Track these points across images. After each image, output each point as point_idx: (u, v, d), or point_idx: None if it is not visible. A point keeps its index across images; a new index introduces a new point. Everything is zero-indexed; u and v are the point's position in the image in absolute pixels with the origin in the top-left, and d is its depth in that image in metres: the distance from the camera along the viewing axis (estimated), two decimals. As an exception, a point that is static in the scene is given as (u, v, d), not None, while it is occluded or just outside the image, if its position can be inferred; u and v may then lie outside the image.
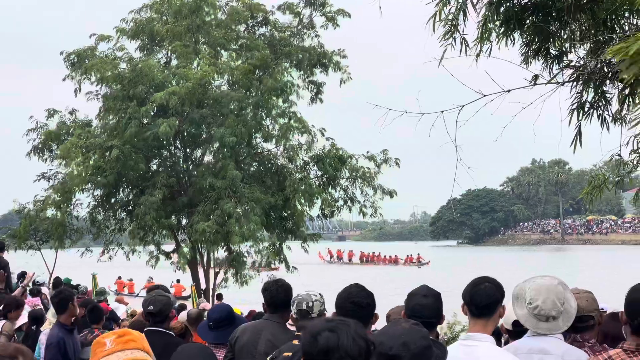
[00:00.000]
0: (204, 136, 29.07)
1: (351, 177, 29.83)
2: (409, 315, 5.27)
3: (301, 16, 29.96)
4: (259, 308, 17.71)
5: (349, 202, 30.27)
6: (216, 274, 30.05)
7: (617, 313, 5.26)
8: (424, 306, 5.30)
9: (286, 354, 5.85)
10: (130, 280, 56.31)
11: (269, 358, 6.00)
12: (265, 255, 30.78)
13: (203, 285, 29.71)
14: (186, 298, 36.36)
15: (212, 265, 30.07)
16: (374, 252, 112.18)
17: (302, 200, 28.72)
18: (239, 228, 25.67)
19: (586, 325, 5.48)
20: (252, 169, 30.48)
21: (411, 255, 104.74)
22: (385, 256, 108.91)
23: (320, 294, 6.42)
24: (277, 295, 6.95)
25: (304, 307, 6.33)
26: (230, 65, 29.26)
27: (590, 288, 5.99)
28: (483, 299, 5.10)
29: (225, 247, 28.65)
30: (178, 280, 45.74)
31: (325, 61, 29.70)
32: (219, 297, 28.32)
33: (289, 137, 28.80)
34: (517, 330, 5.85)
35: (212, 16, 30.16)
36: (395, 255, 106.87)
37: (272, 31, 30.36)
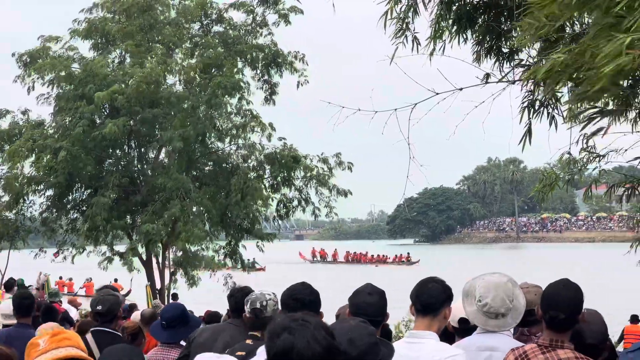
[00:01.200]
0: (158, 136, 28.95)
1: (305, 178, 29.90)
2: (354, 313, 5.28)
3: (254, 14, 29.93)
4: (215, 308, 17.63)
5: (302, 202, 30.34)
6: (171, 274, 29.95)
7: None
8: (369, 304, 5.30)
9: (239, 353, 5.83)
10: (70, 279, 55.97)
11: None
12: (222, 255, 30.76)
13: (159, 286, 29.60)
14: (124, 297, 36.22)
15: (167, 265, 29.96)
16: (360, 252, 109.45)
17: (255, 201, 28.77)
18: (185, 233, 25.78)
19: (534, 318, 5.51)
20: (206, 168, 30.43)
21: (400, 254, 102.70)
22: (372, 255, 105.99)
23: (274, 294, 6.40)
24: (242, 302, 6.95)
25: (258, 306, 6.31)
26: (182, 64, 29.17)
27: (543, 285, 6.02)
28: (428, 298, 5.11)
29: (177, 248, 28.61)
30: (116, 280, 45.89)
31: (280, 61, 29.69)
32: (175, 297, 28.20)
33: (246, 134, 28.88)
34: (464, 328, 5.88)
35: (166, 14, 30.01)
36: (384, 255, 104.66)
37: (226, 29, 30.28)
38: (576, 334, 5.23)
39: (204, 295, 32.67)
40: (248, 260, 31.95)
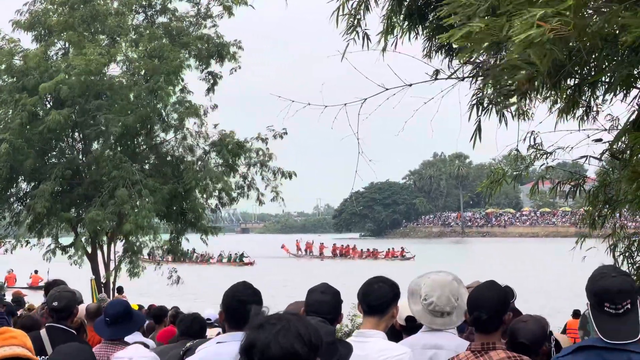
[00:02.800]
0: (102, 128, 28.74)
1: (249, 163, 29.95)
2: (308, 311, 5.31)
3: (199, 6, 29.85)
4: (160, 302, 17.51)
5: (246, 188, 30.36)
6: (116, 266, 29.73)
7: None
8: (322, 302, 5.34)
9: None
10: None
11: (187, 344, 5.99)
12: (166, 249, 30.64)
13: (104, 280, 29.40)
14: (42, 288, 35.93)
15: (112, 258, 29.75)
16: (348, 245, 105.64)
17: (200, 192, 28.77)
18: (133, 216, 25.69)
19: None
20: (150, 160, 30.30)
21: (393, 249, 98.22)
22: (362, 250, 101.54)
23: None
24: (192, 326, 7.11)
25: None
26: (126, 53, 29.00)
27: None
28: (375, 298, 5.15)
29: (122, 239, 28.45)
30: (36, 271, 45.63)
31: (223, 52, 29.62)
32: (120, 290, 28.00)
33: (185, 124, 28.90)
34: (410, 326, 5.91)
35: (109, 5, 29.72)
36: (374, 249, 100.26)
37: (170, 20, 30.12)
38: (511, 332, 5.30)
39: (149, 288, 32.52)
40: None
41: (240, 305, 5.37)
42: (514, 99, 6.24)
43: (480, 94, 7.90)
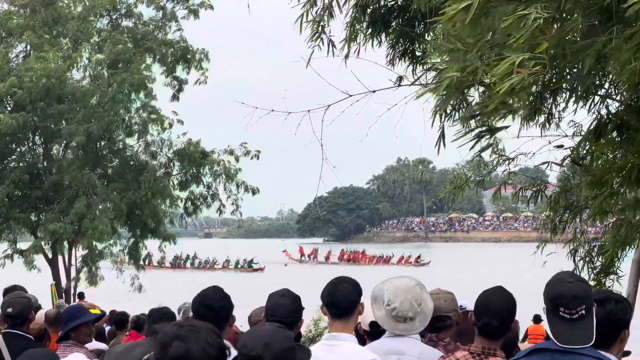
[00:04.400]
0: (65, 133, 28.54)
1: (214, 174, 29.88)
2: (267, 314, 5.33)
3: (165, 9, 29.72)
4: (121, 308, 17.41)
5: (209, 198, 30.31)
6: (77, 273, 29.50)
7: (468, 312, 5.38)
8: (280, 306, 5.36)
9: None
10: None
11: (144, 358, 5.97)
12: (126, 254, 30.47)
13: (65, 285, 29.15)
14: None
15: (73, 264, 29.52)
16: (357, 251, 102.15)
17: (164, 200, 28.66)
18: (90, 230, 25.56)
19: (444, 325, 5.57)
20: (113, 165, 30.13)
21: (408, 255, 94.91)
22: (373, 256, 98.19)
23: None
24: (161, 323, 6.92)
25: (190, 315, 6.27)
26: (89, 58, 28.81)
27: (448, 284, 6.12)
28: (342, 300, 5.16)
29: (83, 246, 28.26)
30: None
31: (189, 57, 29.53)
32: (81, 296, 27.77)
33: (148, 131, 28.74)
34: (374, 332, 5.93)
35: (71, 8, 29.50)
36: (386, 255, 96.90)
37: (135, 24, 29.96)
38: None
39: (110, 294, 32.28)
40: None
41: (208, 310, 5.37)
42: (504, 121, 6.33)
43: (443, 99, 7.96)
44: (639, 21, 5.05)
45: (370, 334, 6.16)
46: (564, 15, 5.13)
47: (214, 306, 5.44)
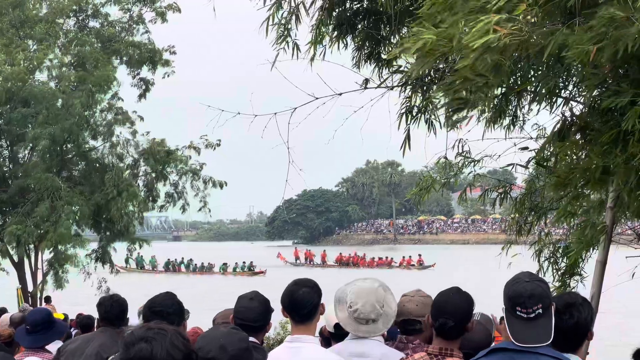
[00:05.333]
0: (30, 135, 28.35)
1: (179, 172, 29.83)
2: (236, 317, 5.32)
3: (131, 11, 29.60)
4: (88, 312, 17.34)
5: (175, 196, 30.24)
6: (44, 276, 29.28)
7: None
8: (250, 309, 5.37)
9: None
10: None
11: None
12: (93, 258, 30.27)
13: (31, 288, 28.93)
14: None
15: (39, 267, 29.30)
16: (356, 254, 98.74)
17: (131, 200, 28.51)
18: (52, 233, 25.41)
19: (413, 328, 5.56)
20: (79, 167, 29.95)
21: (409, 257, 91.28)
22: (372, 258, 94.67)
23: None
24: (111, 311, 6.87)
25: None
26: (53, 60, 28.63)
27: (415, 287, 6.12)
28: (303, 305, 5.15)
29: (47, 249, 28.06)
30: None
31: (156, 59, 29.43)
32: (47, 300, 27.58)
33: (114, 132, 28.64)
34: (339, 333, 5.93)
35: (38, 10, 29.30)
36: (387, 257, 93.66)
37: (102, 25, 29.80)
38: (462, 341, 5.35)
39: (78, 298, 32.04)
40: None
41: (157, 316, 5.35)
42: (463, 113, 6.33)
43: (409, 102, 8.00)
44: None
45: (335, 336, 6.16)
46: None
47: (163, 312, 5.43)
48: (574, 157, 7.03)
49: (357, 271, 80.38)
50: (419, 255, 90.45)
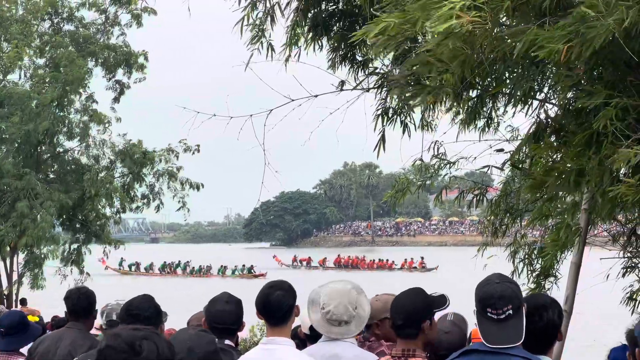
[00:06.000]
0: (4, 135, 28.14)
1: (156, 173, 29.74)
2: (210, 322, 5.31)
3: (107, 13, 29.46)
4: (62, 314, 17.24)
5: (150, 196, 30.15)
6: (19, 277, 29.09)
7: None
8: (227, 312, 5.37)
9: None
10: None
11: None
12: (67, 259, 30.08)
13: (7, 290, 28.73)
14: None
15: (15, 269, 29.11)
16: (356, 256, 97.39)
17: (104, 201, 28.40)
18: (31, 230, 25.29)
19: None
20: (54, 169, 29.80)
21: (411, 259, 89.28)
22: (372, 260, 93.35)
23: None
24: (79, 303, 6.80)
25: (114, 317, 6.20)
26: (28, 62, 28.50)
27: (392, 289, 6.12)
28: (277, 309, 5.12)
29: (20, 246, 27.86)
30: None
31: (131, 62, 29.32)
32: (23, 302, 27.40)
33: (89, 133, 28.52)
34: (314, 335, 5.92)
35: (13, 11, 29.12)
36: (387, 260, 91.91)
37: (77, 28, 29.65)
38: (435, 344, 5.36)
39: (54, 300, 31.87)
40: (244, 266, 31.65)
41: (134, 319, 5.33)
42: (418, 100, 6.30)
43: (385, 104, 8.01)
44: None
45: (310, 338, 6.15)
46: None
47: (140, 315, 5.40)
48: (549, 159, 7.06)
49: (357, 274, 79.43)
50: (422, 257, 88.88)
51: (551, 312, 4.56)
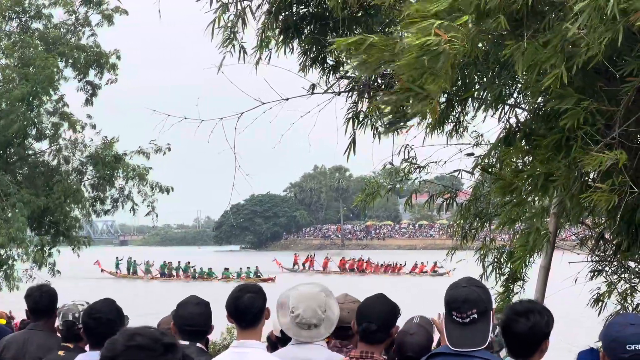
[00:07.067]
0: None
1: (126, 177, 29.57)
2: (180, 325, 5.29)
3: (77, 14, 29.25)
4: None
5: (120, 201, 29.99)
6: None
7: None
8: (197, 315, 5.36)
9: None
10: None
11: None
12: (34, 260, 29.83)
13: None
14: None
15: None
16: (361, 259, 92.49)
17: (77, 204, 28.21)
18: (7, 228, 25.08)
19: (345, 334, 5.57)
20: (23, 172, 29.54)
21: (422, 263, 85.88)
22: (379, 264, 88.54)
23: (87, 303, 6.23)
24: (41, 301, 6.72)
25: (70, 318, 6.12)
26: None
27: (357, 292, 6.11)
28: (248, 312, 5.13)
29: None
30: None
31: (102, 62, 29.14)
32: (-11, 306, 27.18)
33: (60, 135, 28.33)
34: (286, 338, 5.92)
35: None
36: (398, 264, 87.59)
37: (46, 27, 29.42)
38: (398, 345, 5.38)
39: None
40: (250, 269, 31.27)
41: (95, 322, 5.30)
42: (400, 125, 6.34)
43: (356, 107, 8.02)
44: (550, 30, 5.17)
45: (282, 340, 6.14)
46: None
47: (102, 318, 5.38)
48: (519, 163, 7.10)
49: (362, 278, 76.77)
50: (435, 262, 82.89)
51: (539, 317, 4.55)
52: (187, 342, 5.26)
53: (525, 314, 4.53)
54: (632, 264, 8.84)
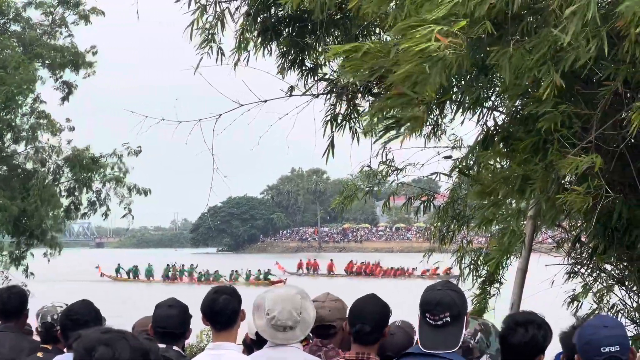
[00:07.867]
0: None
1: (103, 179, 29.47)
2: (155, 326, 5.28)
3: (54, 15, 29.14)
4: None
5: (97, 204, 29.87)
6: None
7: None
8: (170, 317, 5.35)
9: None
10: None
11: None
12: (5, 263, 29.69)
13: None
14: None
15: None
16: (368, 262, 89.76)
17: (52, 208, 28.07)
18: None
19: (327, 333, 5.60)
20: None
21: (435, 267, 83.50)
22: (391, 268, 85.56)
23: (66, 304, 6.20)
24: (10, 302, 6.67)
25: (49, 319, 6.10)
26: None
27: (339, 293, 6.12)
28: (223, 313, 5.16)
29: None
30: None
31: (79, 61, 29.03)
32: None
33: (37, 137, 28.19)
34: (262, 340, 5.90)
35: None
36: (408, 268, 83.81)
37: (24, 29, 29.28)
38: (379, 345, 5.39)
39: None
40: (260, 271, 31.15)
41: (73, 324, 5.28)
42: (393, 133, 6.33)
43: (334, 110, 8.03)
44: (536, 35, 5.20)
45: (257, 343, 6.13)
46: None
47: (80, 320, 5.36)
48: (497, 165, 7.13)
49: (370, 281, 73.92)
50: (449, 267, 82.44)
51: (537, 329, 4.60)
52: (164, 345, 5.24)
53: (524, 325, 4.59)
54: (608, 267, 8.88)
